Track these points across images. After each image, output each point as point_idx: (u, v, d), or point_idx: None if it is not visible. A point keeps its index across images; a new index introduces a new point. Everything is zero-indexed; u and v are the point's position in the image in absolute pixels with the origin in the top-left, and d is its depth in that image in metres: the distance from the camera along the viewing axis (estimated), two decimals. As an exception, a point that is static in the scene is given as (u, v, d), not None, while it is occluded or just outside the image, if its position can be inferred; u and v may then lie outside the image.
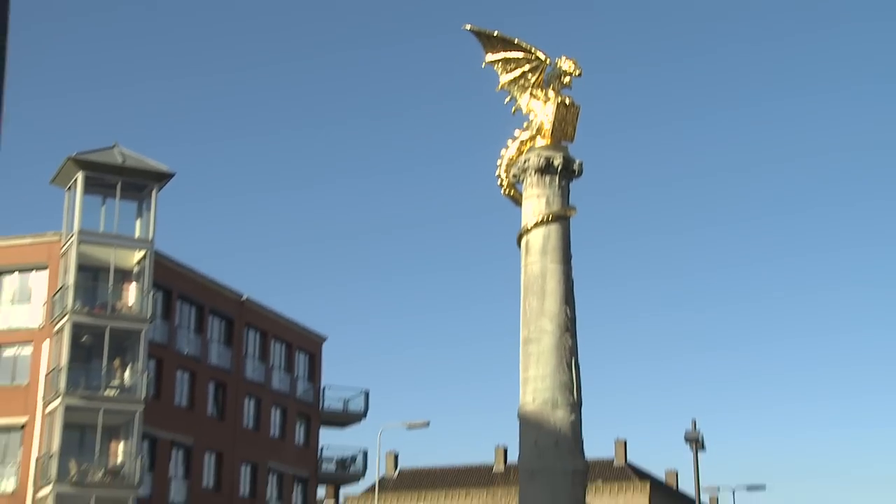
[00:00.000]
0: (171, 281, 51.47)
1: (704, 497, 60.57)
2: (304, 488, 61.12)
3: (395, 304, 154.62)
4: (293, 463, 59.62)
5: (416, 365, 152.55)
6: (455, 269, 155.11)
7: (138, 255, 48.79)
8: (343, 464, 64.45)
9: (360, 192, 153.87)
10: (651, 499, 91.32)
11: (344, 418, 64.27)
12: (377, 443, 57.03)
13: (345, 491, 71.98)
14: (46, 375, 46.43)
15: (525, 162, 22.15)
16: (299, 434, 60.95)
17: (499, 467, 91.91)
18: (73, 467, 44.79)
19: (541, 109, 22.35)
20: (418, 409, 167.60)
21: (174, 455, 51.13)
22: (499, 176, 23.10)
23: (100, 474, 45.46)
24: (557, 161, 21.88)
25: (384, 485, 78.27)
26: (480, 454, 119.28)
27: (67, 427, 45.46)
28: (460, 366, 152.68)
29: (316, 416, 62.36)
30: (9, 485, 46.50)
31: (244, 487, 55.82)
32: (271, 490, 58.03)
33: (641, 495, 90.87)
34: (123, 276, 48.98)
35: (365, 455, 65.33)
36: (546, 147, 22.07)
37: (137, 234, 49.57)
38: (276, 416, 58.99)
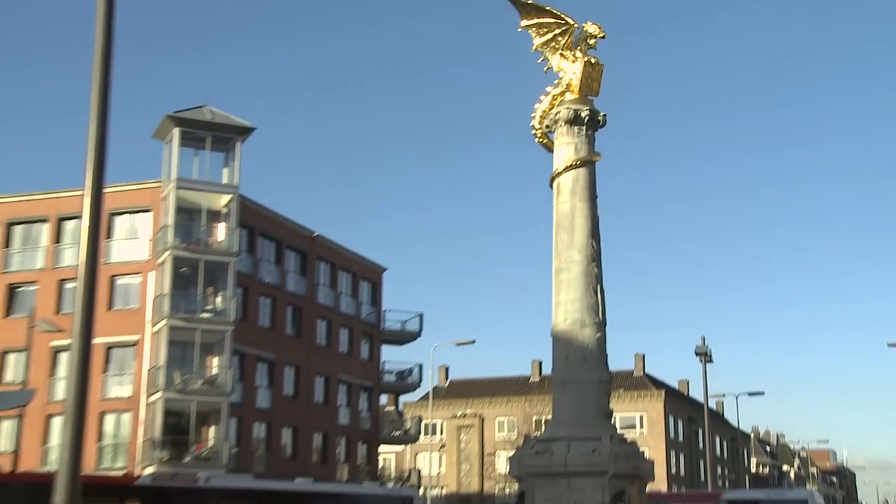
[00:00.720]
0: (253, 220, 52.19)
1: (711, 402, 61.78)
2: (369, 396, 62.06)
3: (446, 237, 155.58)
4: (359, 375, 60.55)
5: (464, 290, 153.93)
6: (496, 207, 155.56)
7: (226, 198, 49.57)
8: (401, 375, 65.47)
9: (417, 145, 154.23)
10: (666, 404, 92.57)
11: (402, 337, 65.09)
12: (430, 358, 58.66)
13: (403, 398, 73.48)
14: (153, 300, 47.57)
15: (556, 114, 22.31)
16: (364, 350, 61.83)
17: (535, 378, 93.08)
18: (177, 377, 46.14)
19: (569, 68, 22.47)
20: (466, 329, 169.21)
21: (259, 368, 52.18)
22: (533, 126, 23.18)
23: (199, 383, 46.84)
24: (584, 113, 22.08)
25: (436, 393, 79.21)
26: (519, 367, 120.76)
27: (171, 344, 46.69)
28: (501, 291, 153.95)
29: (378, 335, 63.31)
30: (126, 391, 47.72)
31: (318, 395, 56.82)
32: (341, 398, 58.94)
33: (657, 401, 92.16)
34: (214, 216, 49.77)
35: (420, 368, 66.55)
36: (574, 101, 22.16)
37: (225, 180, 50.39)
38: (344, 335, 59.87)
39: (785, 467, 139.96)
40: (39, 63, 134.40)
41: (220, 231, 49.89)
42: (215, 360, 48.35)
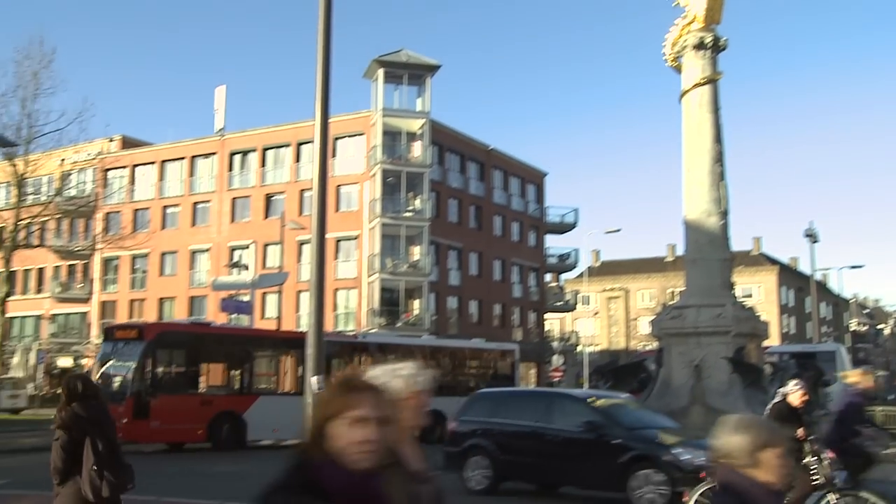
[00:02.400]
0: (441, 139, 52.28)
1: (818, 275, 59.38)
2: (536, 275, 62.18)
3: (598, 146, 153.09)
4: (528, 258, 60.61)
5: (611, 188, 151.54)
6: (633, 120, 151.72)
7: (420, 122, 49.76)
8: (561, 258, 65.42)
9: (572, 72, 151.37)
10: (778, 277, 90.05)
11: (561, 227, 64.60)
12: (584, 243, 57.96)
13: (563, 276, 73.40)
14: (368, 204, 48.59)
15: (684, 41, 21.86)
16: (531, 239, 61.70)
17: (669, 258, 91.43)
18: (388, 262, 47.33)
19: (695, 2, 21.86)
20: (613, 219, 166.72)
21: (450, 254, 52.85)
22: (665, 52, 22.81)
23: (405, 267, 47.95)
24: (709, 39, 21.57)
25: (590, 272, 78.82)
26: (656, 249, 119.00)
27: (383, 237, 47.75)
28: (643, 187, 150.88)
29: (542, 226, 63.10)
30: (351, 273, 49.01)
31: (496, 275, 57.24)
32: (514, 276, 59.20)
33: (771, 275, 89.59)
34: (411, 137, 50.09)
35: (576, 252, 66.49)
36: (700, 29, 21.68)
37: (418, 108, 50.47)
38: (515, 227, 59.85)
39: (880, 326, 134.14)
40: (287, 24, 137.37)
41: (417, 148, 50.19)
42: (416, 249, 49.13)
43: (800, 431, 9.33)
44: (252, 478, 13.76)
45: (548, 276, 66.02)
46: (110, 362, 22.28)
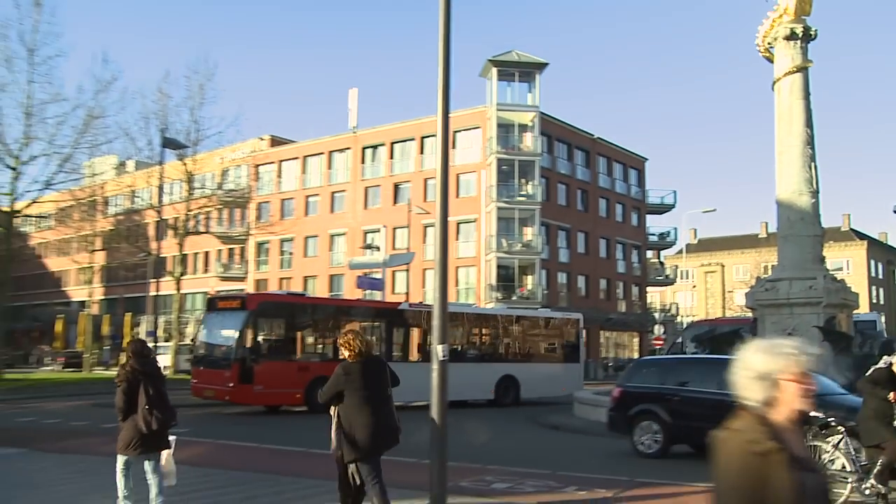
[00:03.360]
0: (550, 129, 51.91)
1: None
2: (639, 252, 61.17)
3: (694, 132, 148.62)
4: (630, 237, 59.73)
5: (708, 171, 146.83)
6: (728, 109, 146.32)
7: (531, 115, 49.49)
8: (661, 236, 64.15)
9: (668, 63, 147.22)
10: (868, 251, 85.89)
11: (660, 208, 63.38)
12: (682, 222, 56.56)
13: (663, 253, 71.77)
14: (485, 190, 48.68)
15: (776, 33, 21.14)
16: (633, 219, 60.71)
17: (762, 235, 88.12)
18: (504, 242, 47.44)
19: None
20: (709, 200, 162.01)
21: (559, 234, 52.45)
22: (758, 43, 22.14)
23: (518, 246, 47.96)
24: (799, 30, 20.81)
25: (688, 248, 77.28)
26: (750, 227, 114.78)
27: (498, 220, 47.89)
28: (738, 169, 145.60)
29: (643, 207, 61.97)
30: (471, 252, 49.40)
31: (602, 252, 56.62)
32: (618, 253, 58.44)
33: (861, 249, 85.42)
34: (523, 128, 49.78)
35: (675, 230, 65.13)
36: (791, 21, 20.95)
37: (529, 102, 50.15)
38: (618, 209, 58.98)
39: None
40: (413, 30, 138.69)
41: (528, 139, 49.91)
42: (529, 230, 48.96)
43: (892, 395, 9.00)
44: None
45: (649, 253, 64.79)
46: (213, 330, 21.79)
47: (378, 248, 41.28)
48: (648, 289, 64.21)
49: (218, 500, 9.00)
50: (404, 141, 54.21)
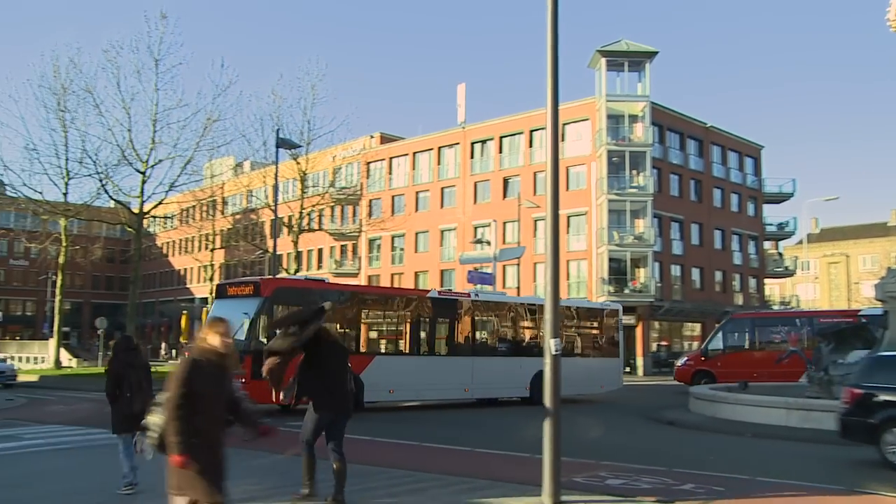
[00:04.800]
0: (661, 119, 50.60)
1: None
2: (756, 243, 58.89)
3: (812, 115, 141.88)
4: (747, 227, 57.62)
5: (832, 156, 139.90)
6: (854, 91, 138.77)
7: (641, 105, 48.38)
8: (780, 227, 61.73)
9: (786, 49, 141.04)
10: None
11: (779, 197, 60.90)
12: (803, 211, 54.15)
13: (782, 243, 68.93)
14: (595, 182, 47.99)
15: None
16: (750, 209, 58.43)
17: (893, 223, 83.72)
18: (615, 235, 46.64)
19: None
20: (832, 187, 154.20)
21: (672, 226, 51.09)
22: (888, 19, 21.22)
23: (630, 238, 46.97)
24: None
25: (809, 238, 73.87)
26: (878, 215, 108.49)
27: (610, 212, 47.14)
28: (862, 155, 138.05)
29: (760, 197, 59.73)
30: (582, 245, 48.81)
31: (717, 243, 54.80)
32: (734, 245, 56.47)
33: None
34: (633, 119, 48.83)
35: (795, 220, 62.47)
36: None
37: (639, 92, 49.11)
38: (733, 198, 56.92)
39: None
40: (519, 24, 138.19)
41: (639, 129, 48.91)
42: (641, 222, 48.00)
43: None
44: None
45: (767, 244, 62.41)
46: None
47: (488, 243, 41.35)
48: (766, 281, 61.85)
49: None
50: (513, 135, 54.14)
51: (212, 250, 62.90)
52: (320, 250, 65.34)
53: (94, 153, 35.62)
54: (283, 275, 42.07)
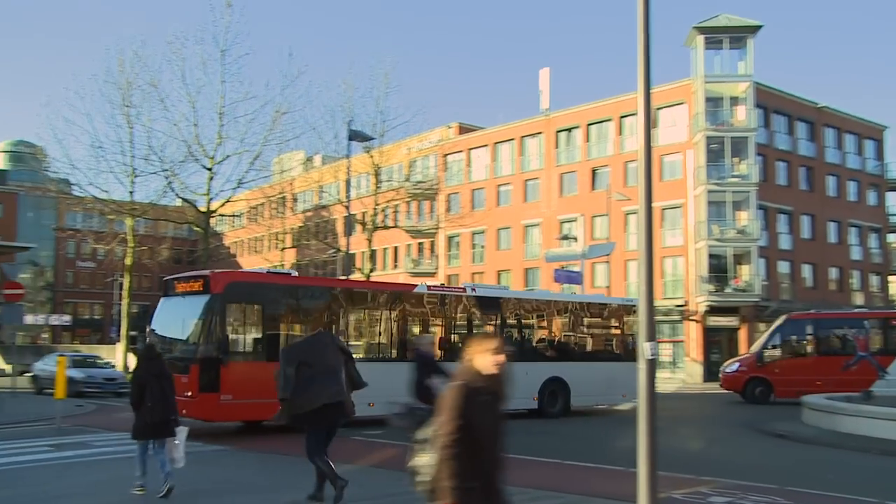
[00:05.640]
0: (767, 100, 49.37)
1: None
2: (878, 236, 56.90)
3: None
4: (867, 219, 55.48)
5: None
6: None
7: (743, 86, 47.24)
8: (910, 215, 59.60)
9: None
10: None
11: (908, 185, 58.97)
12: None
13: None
14: (693, 171, 47.21)
15: None
16: (871, 198, 56.36)
17: None
18: (715, 229, 45.69)
19: None
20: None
21: (779, 218, 49.82)
22: None
23: (732, 232, 45.96)
24: None
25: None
26: None
27: (709, 204, 46.24)
28: None
29: (883, 184, 57.57)
30: (677, 241, 48.14)
31: (831, 237, 53.18)
32: (851, 238, 54.63)
33: None
34: (734, 101, 47.81)
35: (925, 209, 60.22)
36: None
37: (741, 71, 47.82)
38: (851, 186, 55.03)
39: None
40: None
41: (741, 112, 47.82)
42: (743, 214, 46.89)
43: None
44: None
45: (892, 237, 60.02)
46: (169, 321, 17.60)
47: (575, 239, 41.10)
48: (891, 278, 59.52)
49: None
50: (601, 122, 53.67)
51: (282, 250, 64.23)
52: (396, 248, 65.99)
53: (160, 149, 36.73)
54: (355, 276, 42.64)
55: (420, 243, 64.59)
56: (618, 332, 24.32)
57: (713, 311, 46.39)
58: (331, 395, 8.89)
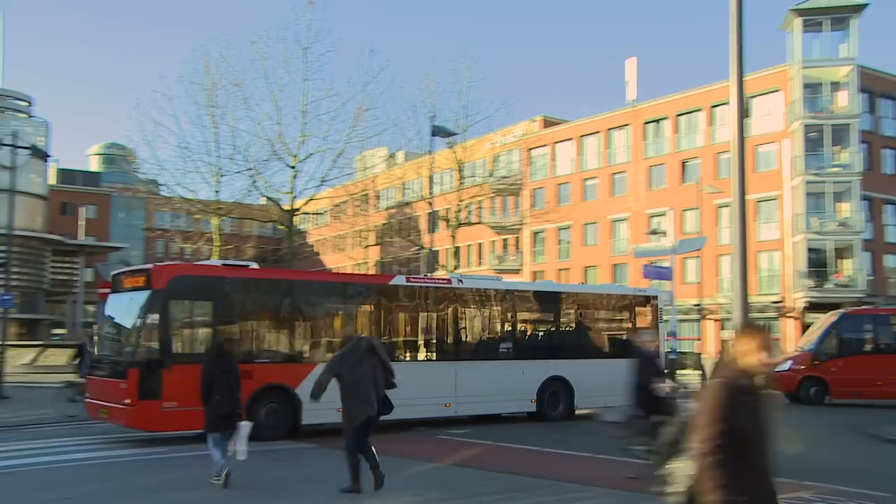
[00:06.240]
0: (872, 84, 47.48)
1: None
2: None
3: None
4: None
5: None
6: None
7: (845, 69, 45.66)
8: None
9: None
10: None
11: None
12: None
13: None
14: (790, 161, 45.99)
15: None
16: None
17: None
18: (814, 221, 44.45)
19: None
20: None
21: (886, 209, 47.94)
22: None
23: (833, 225, 44.62)
24: None
25: None
26: None
27: (807, 195, 44.96)
28: None
29: None
30: (773, 234, 47.08)
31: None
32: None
33: None
34: (835, 86, 46.35)
35: None
36: None
37: (842, 54, 46.27)
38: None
39: None
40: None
41: (842, 98, 46.27)
42: (845, 206, 45.41)
43: None
44: None
45: None
46: (111, 321, 16.46)
47: (665, 234, 40.39)
48: None
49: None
50: (691, 112, 52.71)
51: (365, 247, 65.08)
52: (480, 245, 66.09)
53: (245, 148, 37.58)
54: (439, 273, 42.89)
55: (504, 239, 64.54)
56: (629, 325, 21.76)
57: (812, 307, 44.96)
58: (373, 407, 9.72)
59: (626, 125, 56.42)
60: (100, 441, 15.15)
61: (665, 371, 10.50)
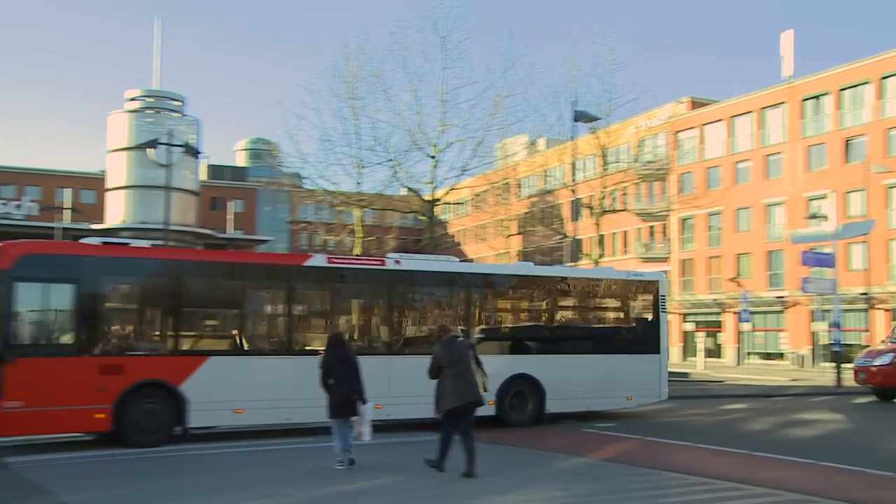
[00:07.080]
0: None
1: None
2: None
3: None
4: None
5: None
6: None
7: None
8: None
9: None
10: None
11: None
12: None
13: None
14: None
15: None
16: None
17: None
18: None
19: None
20: None
21: None
22: None
23: None
24: None
25: None
26: None
27: None
28: None
29: None
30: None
31: None
32: None
33: None
34: None
35: None
36: None
37: None
38: None
39: None
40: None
41: None
42: None
43: None
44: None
45: None
46: None
47: (826, 218, 38.62)
48: None
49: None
50: (856, 86, 50.03)
51: (507, 237, 65.13)
52: (625, 233, 65.10)
53: (385, 139, 38.22)
54: (583, 262, 42.41)
55: (651, 227, 63.29)
56: (624, 316, 19.53)
57: None
58: (462, 396, 10.67)
59: (782, 103, 54.17)
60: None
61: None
